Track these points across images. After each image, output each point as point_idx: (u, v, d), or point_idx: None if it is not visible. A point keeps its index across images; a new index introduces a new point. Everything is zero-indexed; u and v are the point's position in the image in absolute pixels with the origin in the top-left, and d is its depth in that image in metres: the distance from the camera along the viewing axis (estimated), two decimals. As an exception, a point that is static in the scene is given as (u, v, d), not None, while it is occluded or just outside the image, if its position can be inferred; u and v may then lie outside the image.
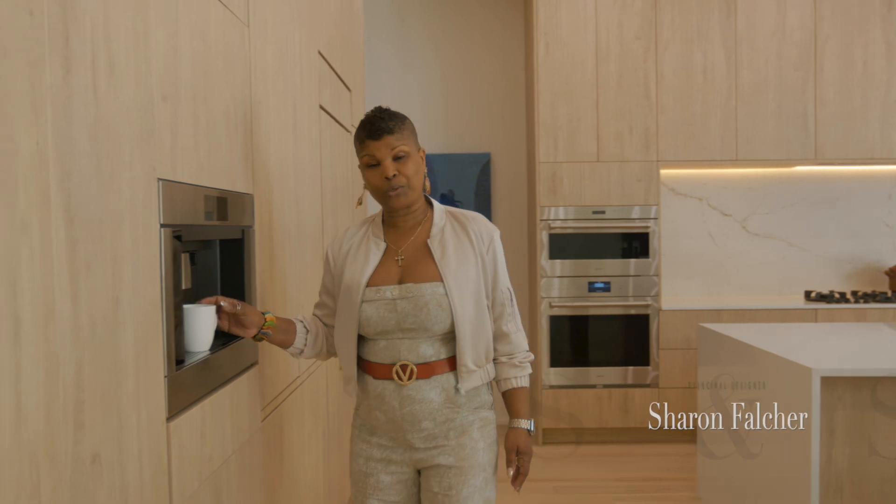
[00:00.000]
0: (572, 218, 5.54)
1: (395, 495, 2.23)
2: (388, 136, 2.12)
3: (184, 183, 1.76)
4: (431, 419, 2.15)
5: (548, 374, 5.58)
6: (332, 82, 3.83)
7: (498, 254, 2.24)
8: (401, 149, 2.14)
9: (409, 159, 2.16)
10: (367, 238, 2.26)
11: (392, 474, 2.22)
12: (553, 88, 5.53)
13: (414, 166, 2.16)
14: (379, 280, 2.17)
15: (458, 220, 2.25)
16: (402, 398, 2.13)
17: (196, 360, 1.82)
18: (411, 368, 2.13)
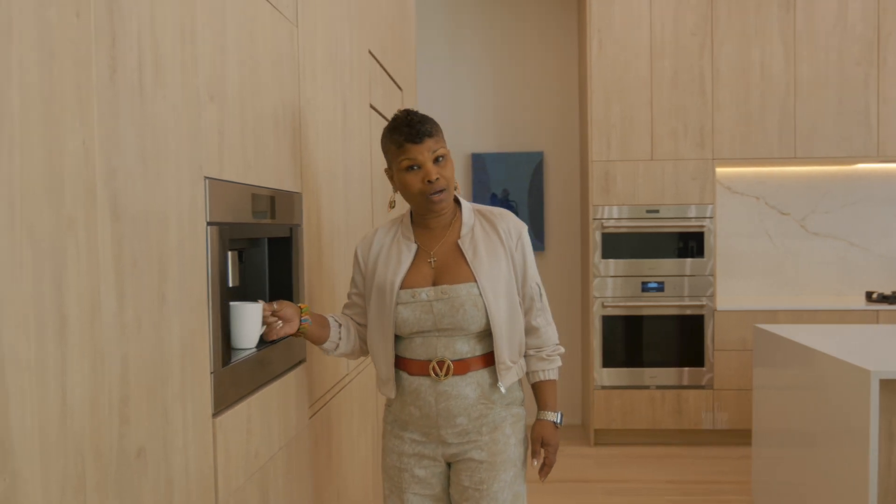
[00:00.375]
0: (625, 217, 5.47)
1: (431, 489, 2.25)
2: (428, 139, 2.13)
3: (231, 181, 1.78)
4: (466, 415, 2.17)
5: (600, 374, 5.52)
6: (382, 82, 3.85)
7: (526, 249, 2.25)
8: (440, 151, 2.16)
9: (448, 161, 2.18)
10: (398, 240, 2.27)
11: (426, 468, 2.24)
12: (606, 86, 5.48)
13: (451, 168, 2.19)
14: (413, 282, 2.19)
15: (486, 218, 2.26)
16: (437, 394, 2.15)
17: (243, 357, 1.84)
18: (448, 364, 2.15)
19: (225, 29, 1.76)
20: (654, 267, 5.48)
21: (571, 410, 6.20)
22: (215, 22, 1.71)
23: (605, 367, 5.53)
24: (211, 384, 1.63)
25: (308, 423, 2.36)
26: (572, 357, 6.15)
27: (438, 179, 2.14)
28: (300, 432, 2.27)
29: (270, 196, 2.04)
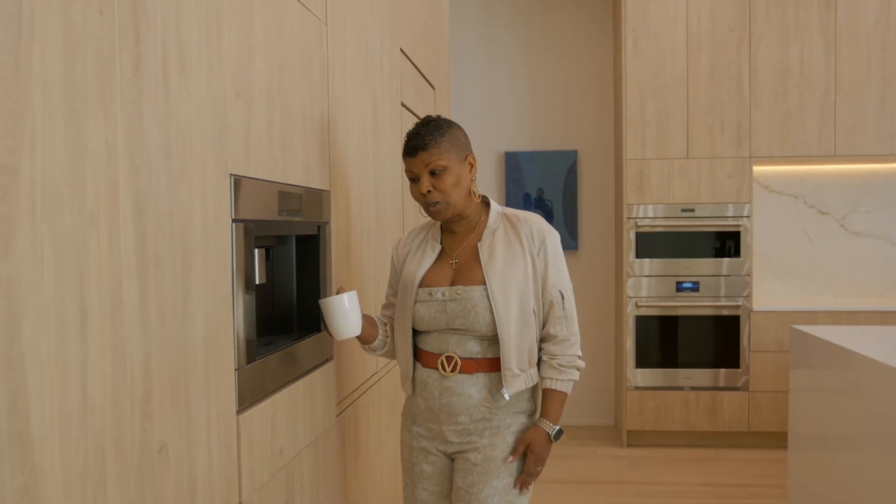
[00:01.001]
0: (660, 216, 5.42)
1: (438, 485, 2.26)
2: (422, 152, 2.14)
3: (257, 179, 1.78)
4: (468, 414, 2.17)
5: (633, 375, 5.47)
6: (414, 80, 3.84)
7: (550, 255, 2.19)
8: (436, 164, 2.14)
9: (447, 173, 2.15)
10: (426, 241, 2.32)
11: (432, 464, 2.26)
12: (641, 83, 5.42)
13: (452, 180, 2.16)
14: (432, 281, 2.22)
15: (511, 223, 2.24)
16: (442, 388, 2.18)
17: (268, 355, 1.85)
18: (456, 361, 2.17)
19: (252, 27, 1.77)
20: (689, 267, 5.42)
21: (604, 411, 6.15)
22: (242, 20, 1.71)
23: (639, 367, 5.48)
24: (235, 381, 1.64)
25: (335, 421, 2.37)
26: (605, 357, 6.11)
27: (430, 192, 2.15)
28: (327, 430, 2.28)
29: (298, 194, 2.04)
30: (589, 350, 6.08)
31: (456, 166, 2.16)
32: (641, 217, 5.43)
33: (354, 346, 2.61)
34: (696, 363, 5.44)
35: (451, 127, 2.20)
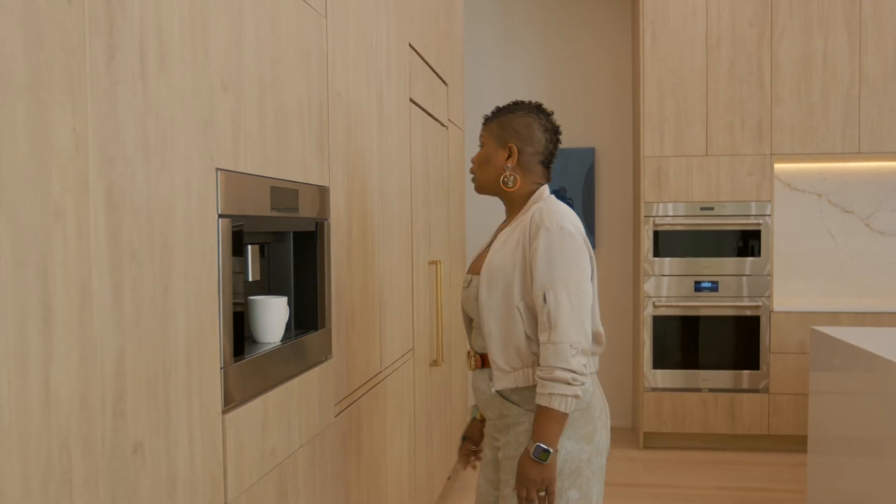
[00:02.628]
0: (678, 214, 5.33)
1: (493, 473, 2.26)
2: (482, 127, 2.30)
3: (247, 173, 1.75)
4: (489, 409, 2.17)
5: (651, 376, 5.40)
6: (425, 76, 3.80)
7: (540, 250, 2.01)
8: (481, 140, 2.27)
9: (482, 151, 2.25)
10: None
11: (491, 451, 2.27)
12: (660, 79, 5.35)
13: (483, 158, 2.23)
14: (472, 268, 2.27)
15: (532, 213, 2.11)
16: (471, 383, 2.29)
17: (259, 353, 1.81)
18: (473, 356, 2.20)
19: (242, 19, 1.73)
20: (708, 266, 5.33)
21: (621, 412, 6.08)
22: (231, 12, 1.68)
23: (656, 368, 5.40)
24: (221, 379, 1.60)
25: (334, 420, 2.33)
26: (622, 357, 6.03)
27: (471, 165, 2.26)
28: (325, 430, 2.24)
29: (293, 189, 2.01)
30: (606, 350, 6.01)
31: (492, 147, 2.21)
32: (660, 215, 5.35)
33: (356, 343, 2.58)
34: (715, 364, 5.36)
35: (514, 112, 2.21)
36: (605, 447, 2.11)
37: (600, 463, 2.08)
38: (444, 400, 4.25)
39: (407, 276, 3.39)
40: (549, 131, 2.20)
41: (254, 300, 1.95)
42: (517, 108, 2.20)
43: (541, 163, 2.20)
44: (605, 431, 2.11)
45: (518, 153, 2.17)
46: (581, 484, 2.03)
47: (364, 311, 2.69)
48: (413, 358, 3.51)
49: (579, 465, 2.03)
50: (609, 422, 2.14)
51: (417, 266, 3.60)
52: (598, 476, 2.07)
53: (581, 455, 2.04)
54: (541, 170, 2.20)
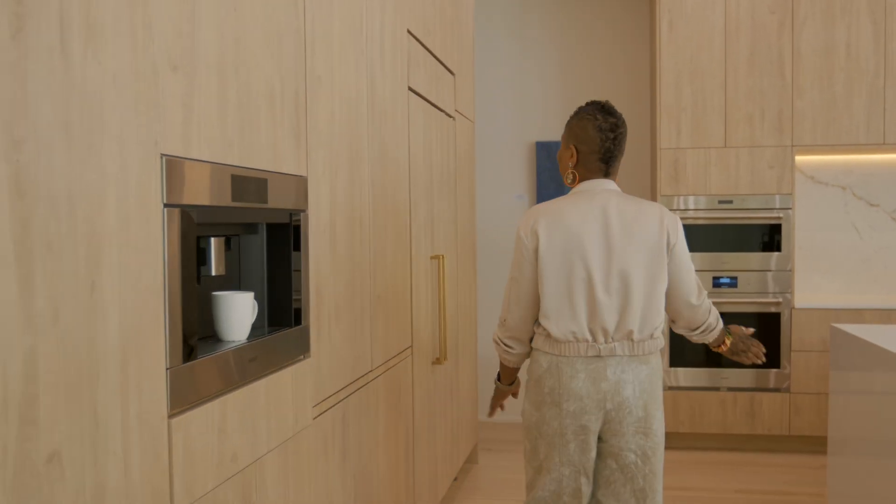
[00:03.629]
0: (696, 208, 5.16)
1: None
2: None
3: (202, 160, 1.63)
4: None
5: (668, 374, 5.23)
6: (427, 64, 3.67)
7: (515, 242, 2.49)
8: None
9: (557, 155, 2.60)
10: None
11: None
12: (677, 68, 5.17)
13: (558, 156, 2.58)
14: None
15: None
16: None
17: (218, 352, 1.70)
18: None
19: (196, -6, 1.62)
20: (726, 261, 5.16)
21: (639, 411, 5.91)
22: (181, -15, 1.56)
23: (673, 366, 5.24)
24: (167, 381, 1.49)
25: (312, 422, 2.21)
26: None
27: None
28: (301, 433, 2.12)
29: (261, 179, 1.89)
30: (623, 347, 5.85)
31: (563, 147, 2.55)
32: (676, 209, 5.18)
33: (341, 341, 2.46)
34: (735, 363, 5.18)
35: (577, 114, 2.50)
36: (554, 422, 2.40)
37: (548, 431, 2.41)
38: (449, 398, 4.12)
39: (405, 270, 3.27)
40: (602, 130, 2.42)
41: (217, 296, 1.84)
42: (581, 112, 2.48)
43: (599, 160, 2.45)
44: (554, 409, 2.40)
45: (577, 153, 2.47)
46: (531, 439, 2.48)
47: (351, 307, 2.57)
48: (412, 356, 3.39)
49: (530, 424, 2.49)
50: (578, 406, 2.38)
51: (418, 260, 3.48)
52: (547, 440, 2.42)
53: (531, 417, 2.48)
54: (600, 166, 2.47)
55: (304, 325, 2.16)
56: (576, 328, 2.37)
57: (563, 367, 2.37)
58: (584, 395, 2.36)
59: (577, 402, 2.36)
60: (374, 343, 2.84)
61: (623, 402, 2.36)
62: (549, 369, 2.40)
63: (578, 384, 2.36)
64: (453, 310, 4.29)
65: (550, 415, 2.40)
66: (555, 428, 2.39)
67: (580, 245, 2.35)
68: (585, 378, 2.36)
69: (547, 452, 2.42)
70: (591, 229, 2.37)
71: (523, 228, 2.44)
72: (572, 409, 2.37)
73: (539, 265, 2.39)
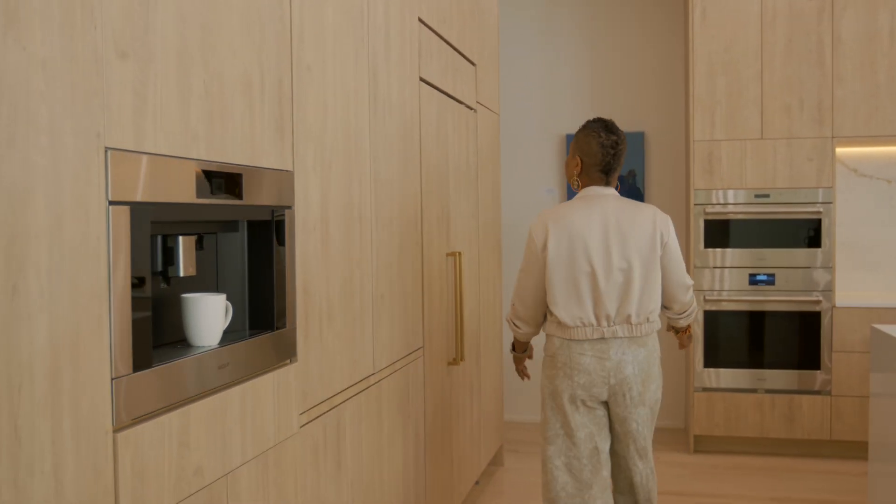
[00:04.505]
0: (731, 202, 4.95)
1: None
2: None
3: (160, 154, 1.52)
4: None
5: (702, 375, 5.04)
6: (441, 54, 3.54)
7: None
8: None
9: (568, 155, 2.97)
10: None
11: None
12: (710, 58, 4.97)
13: (567, 160, 2.95)
14: None
15: None
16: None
17: (178, 359, 1.59)
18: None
19: (151, -25, 1.51)
20: (763, 257, 4.94)
21: (669, 413, 5.72)
22: (132, -34, 1.45)
23: (708, 367, 5.04)
24: (111, 392, 1.38)
25: (299, 431, 2.10)
26: (672, 355, 5.68)
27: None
28: (284, 442, 2.01)
29: (234, 173, 1.78)
30: (656, 347, 5.67)
31: (571, 154, 2.91)
32: (710, 203, 4.98)
33: (334, 344, 2.35)
34: (772, 363, 4.97)
35: (585, 129, 2.85)
36: (567, 392, 2.78)
37: (563, 401, 2.79)
38: (469, 399, 3.99)
39: (415, 268, 3.14)
40: (605, 147, 2.80)
41: (185, 299, 1.74)
42: (587, 127, 2.84)
43: (600, 171, 2.83)
44: (566, 381, 2.77)
45: (582, 163, 2.85)
46: (546, 409, 2.87)
47: (348, 308, 2.45)
48: (424, 357, 3.27)
49: (545, 394, 2.87)
50: (587, 379, 2.75)
51: (431, 258, 3.35)
52: (560, 409, 2.81)
53: (545, 389, 2.87)
54: (601, 176, 2.84)
55: (289, 327, 2.04)
56: (582, 315, 2.75)
57: (573, 347, 2.75)
58: (591, 370, 2.74)
59: (586, 375, 2.74)
60: (378, 345, 2.72)
61: (624, 379, 2.75)
62: (561, 348, 2.78)
63: (586, 360, 2.74)
64: (474, 308, 4.15)
65: (563, 386, 2.77)
66: (568, 397, 2.77)
67: (584, 243, 2.73)
68: (592, 356, 2.74)
69: (563, 420, 2.81)
70: (593, 229, 2.74)
71: (535, 229, 2.81)
72: (582, 382, 2.75)
73: (548, 262, 2.76)
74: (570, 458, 2.80)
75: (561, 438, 2.82)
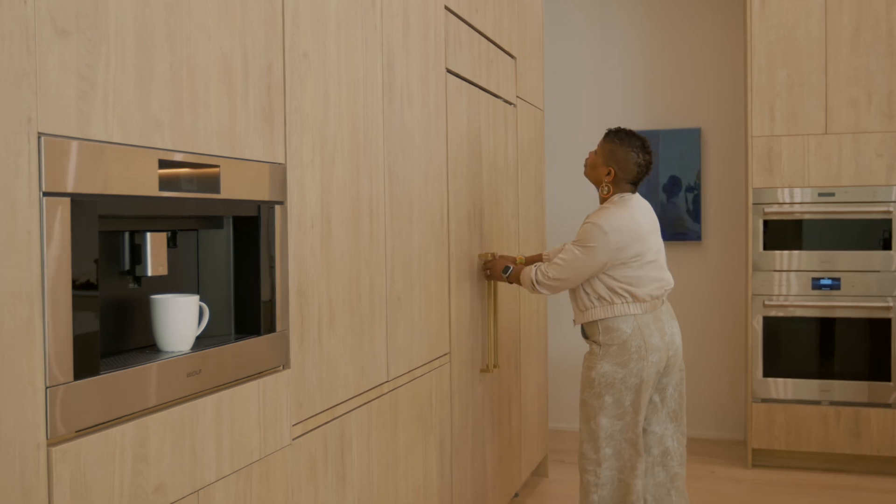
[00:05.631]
0: (792, 202, 4.66)
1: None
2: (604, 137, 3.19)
3: (111, 143, 1.40)
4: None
5: (761, 385, 4.75)
6: (473, 45, 3.37)
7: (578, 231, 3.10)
8: (597, 148, 3.18)
9: (595, 156, 3.17)
10: None
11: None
12: (770, 48, 4.68)
13: (593, 162, 3.18)
14: None
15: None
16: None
17: (135, 366, 1.46)
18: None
19: (101, -53, 1.38)
20: (827, 261, 4.64)
21: (725, 424, 5.43)
22: (76, -64, 1.33)
23: (768, 376, 4.75)
24: (45, 402, 1.26)
25: (291, 444, 1.96)
26: (729, 362, 5.39)
27: (587, 158, 3.25)
28: (272, 455, 1.87)
29: (208, 165, 1.64)
30: (713, 354, 5.40)
31: (600, 161, 3.13)
32: (770, 202, 4.70)
33: (337, 349, 2.20)
34: (837, 374, 4.66)
35: (622, 145, 3.08)
36: (644, 372, 2.98)
37: (636, 381, 2.98)
38: (506, 408, 3.81)
39: (440, 269, 2.98)
40: (641, 166, 3.09)
41: (153, 300, 1.61)
42: (625, 143, 3.08)
43: (630, 182, 3.12)
44: (641, 362, 2.98)
45: (615, 175, 3.09)
46: (614, 392, 3.00)
47: (355, 310, 2.31)
48: (450, 363, 3.10)
49: (613, 380, 2.99)
50: (658, 356, 3.00)
51: (460, 258, 3.19)
52: (631, 389, 2.99)
53: (616, 375, 2.99)
54: (629, 186, 3.12)
55: (281, 331, 1.91)
56: (652, 291, 3.04)
57: (643, 329, 2.99)
58: (659, 347, 3.01)
59: (657, 353, 3.00)
60: (393, 350, 2.56)
61: (677, 349, 3.10)
62: (633, 333, 2.98)
63: (655, 340, 3.01)
64: (513, 311, 3.97)
65: (638, 367, 2.97)
66: (643, 378, 2.98)
67: (642, 236, 3.02)
68: (658, 335, 3.02)
69: (634, 398, 2.99)
70: (644, 224, 3.06)
71: (606, 224, 2.98)
72: (654, 360, 2.99)
73: (618, 256, 2.98)
74: (636, 435, 3.01)
75: (629, 415, 2.99)
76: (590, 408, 3.04)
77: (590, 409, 3.04)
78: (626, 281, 3.02)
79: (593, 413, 3.03)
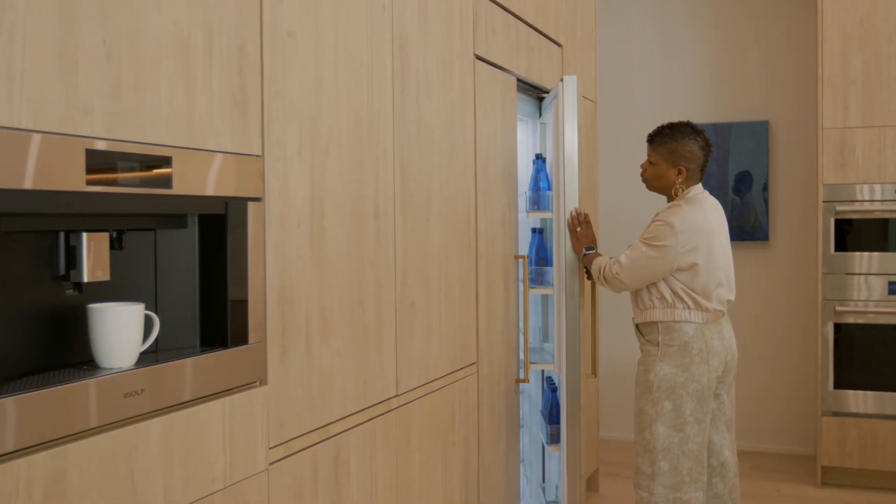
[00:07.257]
0: (868, 199, 4.28)
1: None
2: (648, 145, 3.05)
3: (21, 129, 1.21)
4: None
5: (832, 397, 4.38)
6: (509, 31, 3.13)
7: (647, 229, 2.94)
8: (651, 158, 3.03)
9: (655, 168, 3.01)
10: None
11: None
12: (844, 33, 4.30)
13: (656, 174, 3.01)
14: None
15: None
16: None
17: (47, 388, 1.27)
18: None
19: None
20: (907, 263, 4.24)
21: (794, 438, 5.05)
22: None
23: (839, 388, 4.37)
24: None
25: (269, 469, 1.75)
26: (796, 372, 5.00)
27: (642, 172, 3.07)
28: (243, 482, 1.67)
29: (155, 156, 1.45)
30: (779, 361, 5.03)
31: (664, 167, 2.98)
32: (843, 200, 4.32)
33: (330, 362, 1.99)
34: (918, 386, 4.26)
35: (678, 140, 2.95)
36: (704, 377, 2.82)
37: (697, 387, 2.82)
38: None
39: (465, 272, 2.75)
40: (703, 148, 2.99)
41: (90, 310, 1.42)
42: (679, 136, 2.96)
43: (700, 170, 3.01)
44: (703, 366, 2.83)
45: (686, 170, 2.96)
46: (674, 398, 2.82)
47: (357, 318, 2.09)
48: (478, 373, 2.87)
49: (674, 384, 2.82)
50: (718, 361, 2.86)
51: (491, 261, 2.95)
52: (692, 396, 2.82)
53: (676, 378, 2.82)
54: (700, 175, 3.02)
55: (255, 343, 1.70)
56: (716, 305, 2.88)
57: (705, 332, 2.85)
58: (719, 351, 2.87)
59: (717, 357, 2.86)
60: (405, 361, 2.34)
61: (734, 355, 2.98)
62: (695, 335, 2.84)
63: (716, 344, 2.87)
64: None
65: (700, 371, 2.82)
66: (704, 383, 2.83)
67: (712, 241, 2.88)
68: (718, 339, 2.88)
69: (695, 406, 2.82)
70: (716, 227, 2.93)
71: (678, 224, 2.83)
72: (715, 364, 2.86)
73: (688, 259, 2.83)
74: (698, 446, 2.84)
75: (690, 426, 2.83)
76: (646, 416, 2.87)
77: (646, 417, 2.87)
78: (692, 288, 2.87)
79: (649, 421, 2.85)
